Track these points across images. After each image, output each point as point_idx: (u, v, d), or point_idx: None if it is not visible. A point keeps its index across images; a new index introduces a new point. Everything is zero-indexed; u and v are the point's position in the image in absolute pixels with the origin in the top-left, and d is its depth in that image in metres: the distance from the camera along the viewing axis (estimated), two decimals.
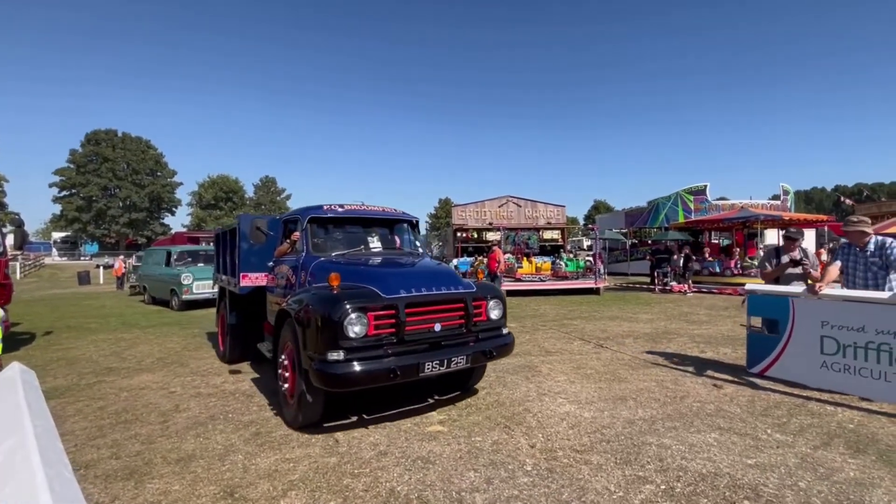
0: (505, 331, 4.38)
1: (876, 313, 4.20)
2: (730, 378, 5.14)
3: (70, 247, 53.95)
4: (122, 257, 25.61)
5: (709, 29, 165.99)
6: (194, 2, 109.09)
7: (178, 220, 67.00)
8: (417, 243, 5.53)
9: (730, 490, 2.80)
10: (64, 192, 53.35)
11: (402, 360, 3.54)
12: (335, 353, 3.37)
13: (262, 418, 4.20)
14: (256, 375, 5.66)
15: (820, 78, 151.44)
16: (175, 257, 13.83)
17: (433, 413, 4.24)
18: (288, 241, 4.99)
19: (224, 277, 6.66)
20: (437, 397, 4.65)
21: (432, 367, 3.63)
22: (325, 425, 3.90)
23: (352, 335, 3.40)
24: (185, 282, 12.21)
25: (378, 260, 4.56)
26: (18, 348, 7.76)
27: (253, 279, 5.57)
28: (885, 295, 4.24)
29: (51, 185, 53.10)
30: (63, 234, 55.60)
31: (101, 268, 28.49)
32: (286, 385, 3.99)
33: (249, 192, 66.23)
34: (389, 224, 5.44)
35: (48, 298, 17.38)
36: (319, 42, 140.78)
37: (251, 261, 5.57)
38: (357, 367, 3.36)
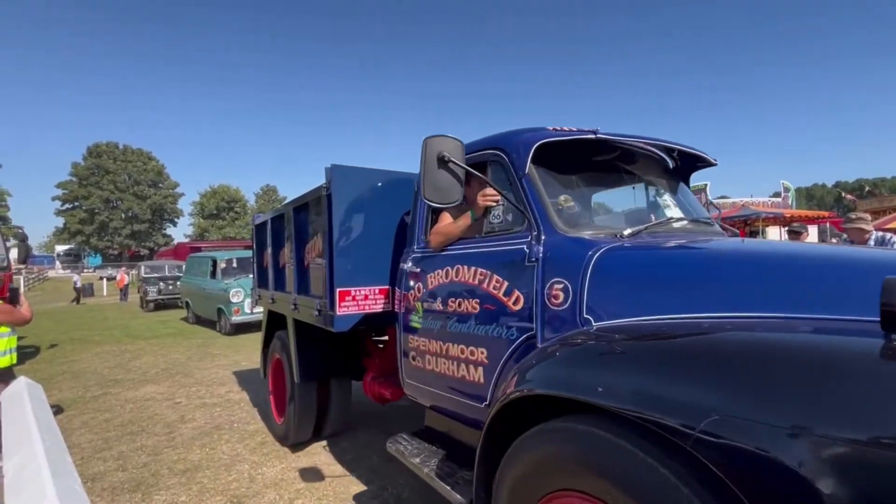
0: None
1: None
2: None
3: (73, 259, 54.19)
4: (124, 269, 25.70)
5: (708, 26, 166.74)
6: (186, 10, 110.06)
7: (181, 231, 67.28)
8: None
9: None
10: (66, 205, 53.64)
11: None
12: None
13: (267, 427, 4.20)
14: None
15: (819, 74, 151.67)
16: (222, 266, 10.75)
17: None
18: (463, 209, 2.28)
19: (277, 295, 4.00)
20: None
21: None
22: None
23: None
24: (235, 299, 9.50)
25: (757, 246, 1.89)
26: (24, 362, 7.77)
27: (361, 301, 2.81)
28: None
29: (53, 199, 53.41)
30: (66, 247, 55.85)
31: (105, 280, 28.56)
32: None
33: (251, 201, 66.54)
34: (668, 169, 2.44)
35: (52, 311, 17.44)
36: (318, 48, 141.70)
37: (348, 264, 2.79)
38: None
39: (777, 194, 23.89)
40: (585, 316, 1.60)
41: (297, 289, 3.48)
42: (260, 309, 6.23)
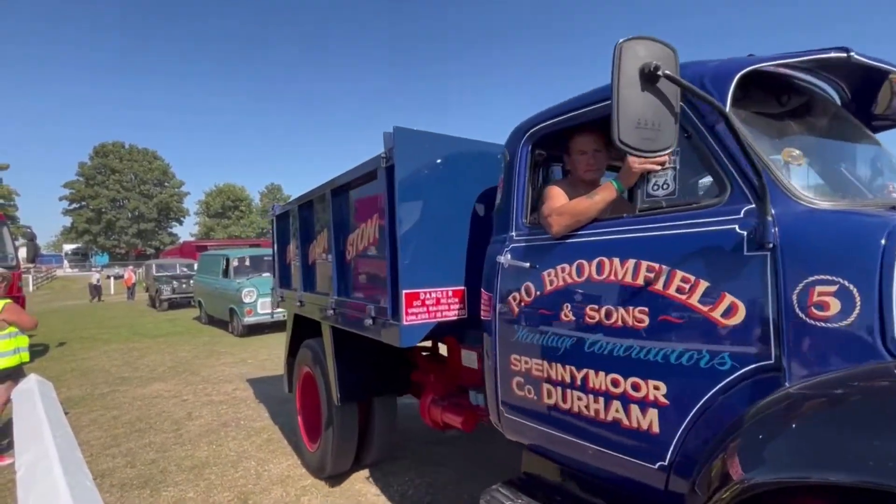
0: None
1: None
2: None
3: (81, 258, 54.72)
4: (131, 267, 25.89)
5: (707, 22, 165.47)
6: (188, 9, 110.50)
7: (186, 230, 67.72)
8: None
9: None
10: (74, 205, 54.14)
11: None
12: None
13: (273, 424, 4.23)
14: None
15: None
16: (235, 265, 10.40)
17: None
18: (577, 183, 1.87)
19: (306, 297, 3.38)
20: None
21: None
22: None
23: None
24: (247, 299, 9.16)
25: None
26: (33, 360, 7.80)
27: (432, 307, 2.21)
28: None
29: (61, 199, 53.93)
30: (74, 246, 56.39)
31: (112, 278, 28.81)
32: None
33: (256, 200, 66.84)
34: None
35: (60, 310, 17.61)
36: (320, 47, 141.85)
37: (416, 258, 2.18)
38: None
39: None
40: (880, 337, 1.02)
41: (336, 290, 2.84)
42: (279, 310, 5.68)
